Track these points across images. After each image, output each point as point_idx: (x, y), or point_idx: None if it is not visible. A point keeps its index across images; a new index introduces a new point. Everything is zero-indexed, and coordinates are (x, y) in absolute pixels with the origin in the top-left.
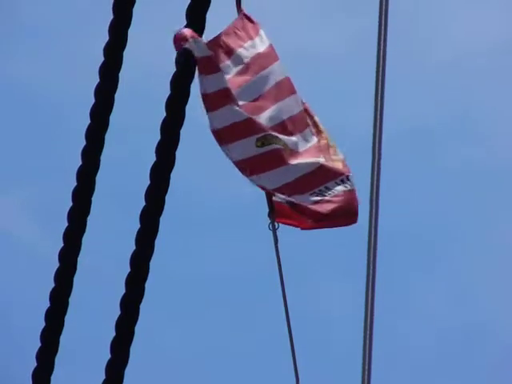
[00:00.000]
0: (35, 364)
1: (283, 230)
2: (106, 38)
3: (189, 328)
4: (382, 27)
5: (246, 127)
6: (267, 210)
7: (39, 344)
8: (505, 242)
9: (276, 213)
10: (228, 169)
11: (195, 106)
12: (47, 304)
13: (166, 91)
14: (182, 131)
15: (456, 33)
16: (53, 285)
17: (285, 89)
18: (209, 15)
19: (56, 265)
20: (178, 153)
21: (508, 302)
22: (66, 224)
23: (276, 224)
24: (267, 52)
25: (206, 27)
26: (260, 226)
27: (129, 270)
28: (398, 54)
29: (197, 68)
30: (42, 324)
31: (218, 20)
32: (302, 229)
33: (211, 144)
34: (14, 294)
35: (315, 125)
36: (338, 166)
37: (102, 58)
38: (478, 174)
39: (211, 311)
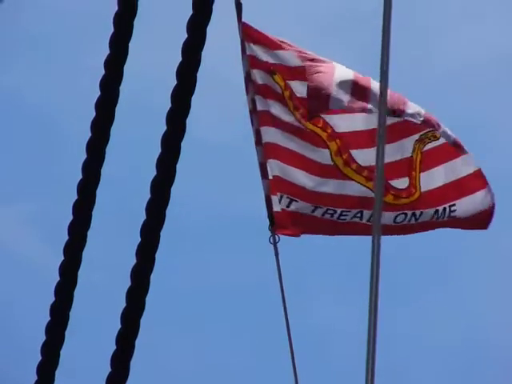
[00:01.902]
0: (35, 378)
1: (284, 242)
2: (107, 51)
3: (190, 340)
4: (386, 39)
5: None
6: (268, 224)
7: (40, 357)
8: (508, 257)
9: (277, 225)
10: (229, 183)
11: (196, 119)
12: (47, 318)
13: (166, 104)
14: (184, 146)
15: (455, 45)
16: (53, 298)
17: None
18: (209, 28)
19: (56, 278)
20: (179, 168)
21: (509, 319)
22: (67, 237)
23: (277, 237)
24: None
25: (206, 40)
26: (261, 240)
27: (129, 283)
28: (396, 66)
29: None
30: (43, 338)
31: (218, 31)
32: (299, 235)
33: (212, 158)
34: (15, 307)
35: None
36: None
37: (102, 71)
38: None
39: (212, 324)
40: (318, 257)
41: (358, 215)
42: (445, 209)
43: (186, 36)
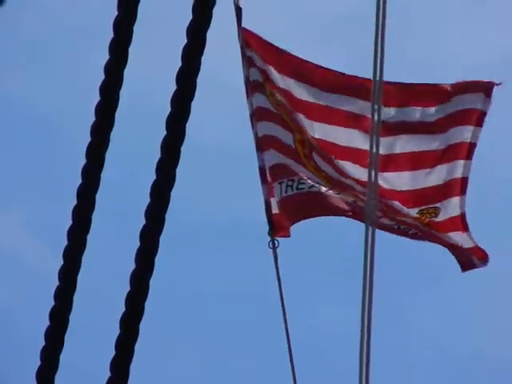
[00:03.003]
0: (35, 383)
1: (284, 247)
2: (107, 55)
3: (190, 343)
4: (379, 46)
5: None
6: (267, 228)
7: (39, 362)
8: (504, 266)
9: (276, 229)
10: (229, 187)
11: (196, 123)
12: (47, 322)
13: (166, 108)
14: (184, 150)
15: (456, 48)
16: (53, 303)
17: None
18: (209, 33)
19: (56, 283)
20: (179, 172)
21: (504, 325)
22: (66, 242)
23: (276, 242)
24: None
25: (206, 45)
26: (261, 245)
27: (128, 288)
28: (396, 70)
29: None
30: (42, 342)
31: (218, 37)
32: (289, 235)
33: (212, 162)
34: (14, 311)
35: None
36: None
37: (102, 76)
38: (478, 193)
39: (212, 328)
40: (318, 260)
41: (316, 185)
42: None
43: (186, 41)
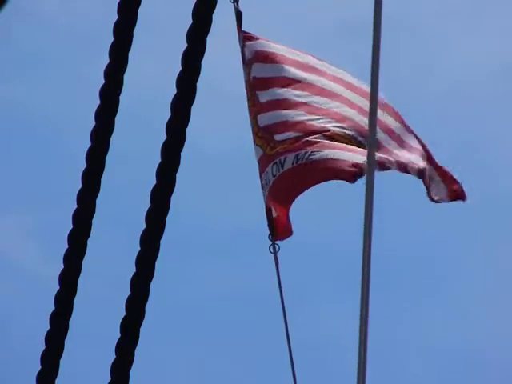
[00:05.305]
0: None
1: (284, 251)
2: (107, 60)
3: (190, 347)
4: (377, 48)
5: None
6: (268, 233)
7: (39, 367)
8: (504, 268)
9: (276, 233)
10: (229, 192)
11: (196, 129)
12: (47, 326)
13: (166, 113)
14: (184, 156)
15: (456, 57)
16: (53, 307)
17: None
18: (209, 38)
19: (56, 287)
20: (180, 178)
21: (506, 326)
22: (67, 246)
23: (277, 246)
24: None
25: (206, 49)
26: (261, 249)
27: (129, 292)
28: (395, 81)
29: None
30: (43, 346)
31: (218, 41)
32: (291, 234)
33: (212, 167)
34: (14, 316)
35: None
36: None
37: (102, 80)
38: (478, 200)
39: (212, 333)
40: (318, 264)
41: (269, 177)
42: (306, 152)
43: (186, 45)
